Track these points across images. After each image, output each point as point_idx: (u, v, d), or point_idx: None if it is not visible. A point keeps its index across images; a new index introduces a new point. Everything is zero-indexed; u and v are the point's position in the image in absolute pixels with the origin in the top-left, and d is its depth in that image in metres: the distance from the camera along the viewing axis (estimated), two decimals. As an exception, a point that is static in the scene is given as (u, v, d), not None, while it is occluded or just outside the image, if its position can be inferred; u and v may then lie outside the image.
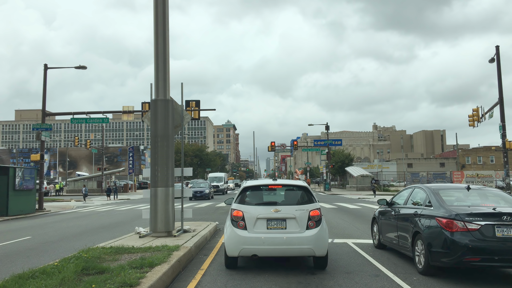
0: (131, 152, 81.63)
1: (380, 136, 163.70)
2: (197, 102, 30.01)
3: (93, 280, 6.26)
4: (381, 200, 10.52)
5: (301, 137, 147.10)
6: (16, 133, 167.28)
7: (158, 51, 11.47)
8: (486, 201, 7.99)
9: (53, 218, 22.19)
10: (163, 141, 11.21)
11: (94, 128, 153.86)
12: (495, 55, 29.15)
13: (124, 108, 32.41)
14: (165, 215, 11.11)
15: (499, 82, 29.22)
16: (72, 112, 31.15)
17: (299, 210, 7.84)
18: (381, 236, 10.30)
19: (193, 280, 7.38)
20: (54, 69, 31.19)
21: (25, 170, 25.59)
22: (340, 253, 9.88)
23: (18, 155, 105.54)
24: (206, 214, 21.47)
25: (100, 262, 7.62)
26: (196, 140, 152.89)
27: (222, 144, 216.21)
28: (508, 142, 29.77)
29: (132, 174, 76.38)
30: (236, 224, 7.87)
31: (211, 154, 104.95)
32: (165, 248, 9.08)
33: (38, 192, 28.23)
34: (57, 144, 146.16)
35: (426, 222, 7.73)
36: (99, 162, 75.31)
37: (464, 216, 7.06)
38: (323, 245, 7.74)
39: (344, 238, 12.34)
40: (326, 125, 59.36)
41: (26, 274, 6.69)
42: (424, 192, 8.61)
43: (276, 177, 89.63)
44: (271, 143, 61.64)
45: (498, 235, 6.85)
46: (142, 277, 6.50)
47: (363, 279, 7.37)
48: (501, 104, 29.10)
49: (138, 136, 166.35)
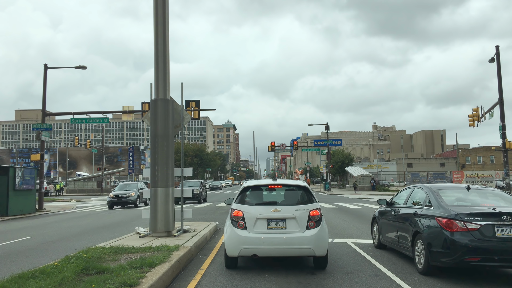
0: (131, 152, 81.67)
1: (380, 136, 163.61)
2: (197, 102, 30.01)
3: (93, 280, 6.26)
4: (381, 200, 10.52)
5: (301, 137, 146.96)
6: (16, 133, 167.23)
7: (158, 51, 11.47)
8: (486, 201, 7.98)
9: (53, 218, 22.19)
10: (163, 141, 11.21)
11: (94, 128, 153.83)
12: (495, 55, 29.13)
13: (124, 108, 32.37)
14: (165, 215, 11.11)
15: (499, 82, 29.20)
16: (72, 112, 31.12)
17: (299, 210, 7.84)
18: (381, 236, 10.30)
19: (193, 280, 7.38)
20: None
21: (25, 170, 25.59)
22: (340, 253, 9.88)
23: (18, 155, 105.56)
24: (206, 214, 21.47)
25: (100, 262, 7.62)
26: (196, 140, 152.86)
27: (222, 144, 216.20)
28: (508, 142, 29.76)
29: (132, 174, 76.42)
30: (236, 224, 7.87)
31: (211, 154, 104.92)
32: (165, 248, 9.07)
33: (38, 192, 28.22)
34: (57, 144, 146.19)
35: (426, 222, 7.72)
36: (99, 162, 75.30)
37: (464, 216, 7.06)
38: (323, 245, 7.74)
39: (344, 238, 12.34)
40: (326, 125, 59.36)
41: (26, 274, 6.69)
42: (424, 192, 8.61)
43: (276, 177, 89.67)
44: (271, 143, 61.63)
45: (498, 235, 6.85)
46: (142, 277, 6.50)
47: (363, 279, 7.37)
48: (501, 104, 29.09)
49: (138, 136, 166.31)
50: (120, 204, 29.15)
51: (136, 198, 29.28)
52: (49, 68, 29.30)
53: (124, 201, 28.94)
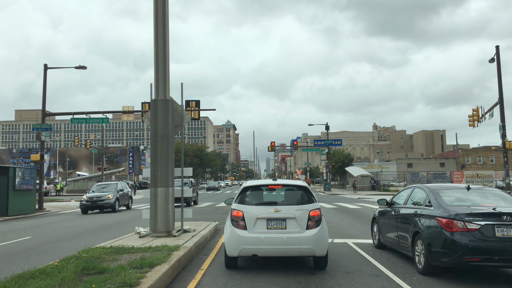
0: (131, 152, 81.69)
1: (380, 136, 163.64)
2: (197, 102, 29.99)
3: (93, 280, 6.26)
4: (381, 200, 10.51)
5: (301, 137, 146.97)
6: (16, 133, 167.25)
7: (158, 51, 11.48)
8: (486, 201, 7.97)
9: (53, 218, 22.18)
10: (163, 141, 11.21)
11: (94, 128, 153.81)
12: (495, 55, 29.12)
13: (124, 108, 32.35)
14: (165, 215, 11.11)
15: (499, 82, 29.19)
16: (72, 112, 31.10)
17: (299, 210, 7.84)
18: (381, 236, 10.30)
19: (193, 280, 7.38)
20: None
21: (25, 170, 25.59)
22: (340, 253, 9.88)
23: (18, 155, 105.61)
24: (206, 214, 21.48)
25: (100, 262, 7.62)
26: (196, 140, 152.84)
27: (222, 144, 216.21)
28: (508, 142, 29.75)
29: (132, 174, 76.43)
30: (236, 224, 7.87)
31: (211, 154, 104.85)
32: (165, 248, 9.07)
33: (38, 192, 28.21)
34: (57, 144, 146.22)
35: (426, 222, 7.72)
36: (99, 162, 75.32)
37: (464, 216, 7.06)
38: (323, 245, 7.74)
39: (344, 238, 12.34)
40: (326, 125, 59.35)
41: (26, 274, 6.69)
42: (424, 192, 8.61)
43: (276, 177, 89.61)
44: (271, 143, 61.62)
45: (498, 235, 6.85)
46: (142, 277, 6.50)
47: (363, 279, 7.37)
48: (501, 104, 29.08)
49: (138, 136, 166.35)
50: (96, 208, 25.14)
51: (114, 201, 25.21)
52: (49, 68, 29.30)
53: (99, 204, 24.76)
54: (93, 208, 25.08)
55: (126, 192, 27.80)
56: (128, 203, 27.87)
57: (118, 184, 27.61)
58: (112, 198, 25.22)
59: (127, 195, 28.01)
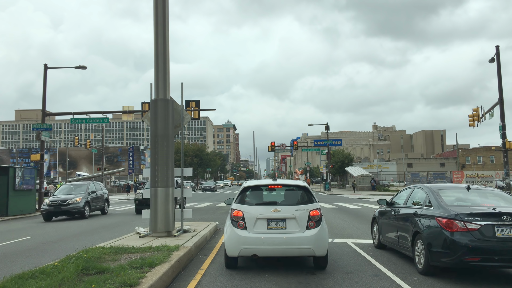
0: (131, 152, 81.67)
1: (380, 136, 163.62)
2: (197, 102, 30.00)
3: (93, 280, 6.26)
4: (381, 200, 10.51)
5: (301, 137, 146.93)
6: (16, 133, 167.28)
7: (158, 51, 11.48)
8: (486, 201, 7.97)
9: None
10: (163, 141, 11.21)
11: (94, 128, 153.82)
12: (495, 55, 29.11)
13: (124, 108, 32.35)
14: (165, 215, 11.11)
15: (499, 82, 29.19)
16: (72, 112, 31.09)
17: (299, 210, 7.84)
18: (381, 236, 10.30)
19: (193, 280, 7.38)
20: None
21: (25, 170, 25.60)
22: (340, 253, 9.88)
23: (18, 155, 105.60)
24: (206, 214, 21.48)
25: (100, 262, 7.62)
26: (196, 140, 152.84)
27: (222, 144, 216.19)
28: (508, 142, 29.74)
29: (132, 174, 76.41)
30: (236, 224, 7.87)
31: (211, 154, 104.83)
32: (165, 248, 9.08)
33: (38, 192, 28.23)
34: (57, 144, 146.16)
35: (426, 222, 7.72)
36: (99, 162, 75.28)
37: (464, 216, 7.06)
38: (323, 245, 7.74)
39: (344, 238, 12.34)
40: (326, 125, 59.34)
41: (26, 274, 6.69)
42: (424, 192, 8.61)
43: (276, 177, 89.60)
44: (271, 143, 61.60)
45: (498, 235, 6.85)
46: (142, 277, 6.50)
47: (363, 279, 7.37)
48: (501, 104, 29.08)
49: (138, 136, 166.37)
50: (60, 214, 20.95)
51: (83, 206, 21.03)
52: (49, 68, 29.31)
53: (64, 210, 20.68)
54: (57, 214, 20.92)
55: (100, 194, 23.67)
56: (103, 206, 23.73)
57: (90, 185, 23.30)
58: (81, 201, 21.09)
59: (102, 197, 23.84)
